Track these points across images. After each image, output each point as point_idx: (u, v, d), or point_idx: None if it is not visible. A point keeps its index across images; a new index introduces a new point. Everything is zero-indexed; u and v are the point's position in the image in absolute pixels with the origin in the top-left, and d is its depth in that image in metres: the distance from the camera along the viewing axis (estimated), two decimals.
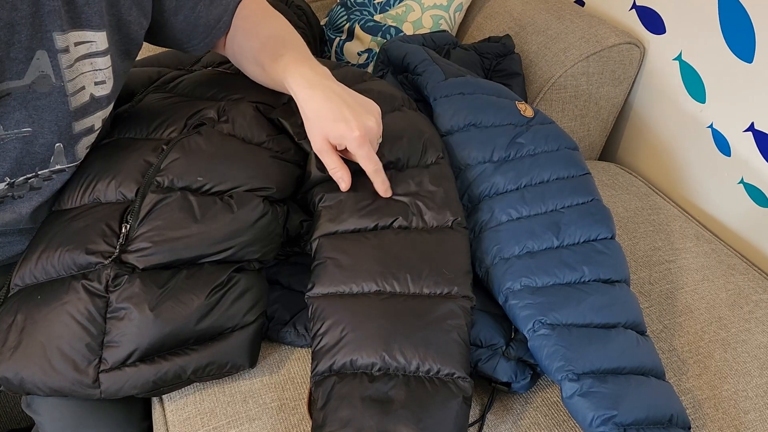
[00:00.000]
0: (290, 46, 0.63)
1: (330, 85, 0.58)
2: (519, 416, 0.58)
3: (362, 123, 0.56)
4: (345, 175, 0.58)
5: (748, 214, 0.85)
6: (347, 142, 0.56)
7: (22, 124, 0.52)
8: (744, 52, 0.79)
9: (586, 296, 0.58)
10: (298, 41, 0.65)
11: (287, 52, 0.61)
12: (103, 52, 0.55)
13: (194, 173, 0.58)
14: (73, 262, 0.55)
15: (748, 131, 0.82)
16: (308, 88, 0.58)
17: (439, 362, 0.52)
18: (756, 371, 0.64)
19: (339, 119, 0.55)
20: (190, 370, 0.54)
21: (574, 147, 0.71)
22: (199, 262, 0.56)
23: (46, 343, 0.52)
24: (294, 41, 0.65)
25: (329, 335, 0.54)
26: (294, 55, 0.61)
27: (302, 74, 0.58)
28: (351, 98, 0.58)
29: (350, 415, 0.50)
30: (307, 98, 0.57)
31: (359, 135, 0.55)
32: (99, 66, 0.55)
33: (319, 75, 0.59)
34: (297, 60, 0.60)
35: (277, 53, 0.62)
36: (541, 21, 0.99)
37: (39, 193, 0.58)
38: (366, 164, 0.57)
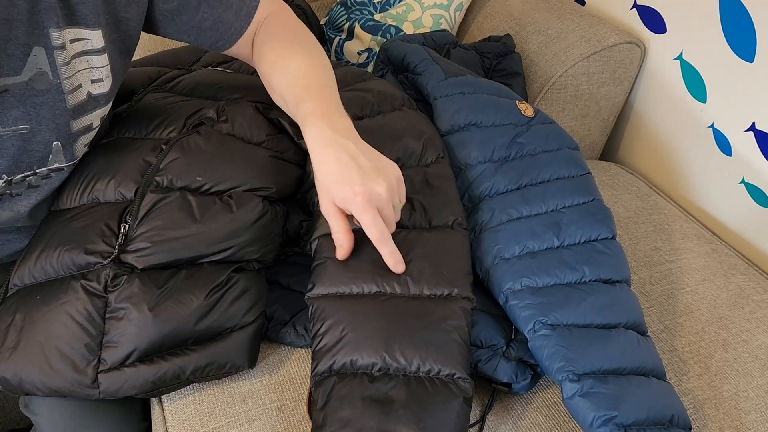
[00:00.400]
0: (314, 91, 0.59)
1: (345, 145, 0.54)
2: (519, 417, 0.57)
3: (368, 188, 0.52)
4: (345, 243, 0.55)
5: (749, 214, 0.85)
6: (350, 207, 0.53)
7: (20, 122, 0.52)
8: (745, 51, 0.79)
9: (587, 296, 0.58)
10: (325, 81, 0.61)
11: (310, 98, 0.58)
12: (99, 51, 0.55)
13: (193, 173, 0.58)
14: (72, 262, 0.55)
15: (749, 131, 0.82)
16: (321, 148, 0.54)
17: (440, 363, 0.52)
18: (757, 371, 0.63)
19: (344, 182, 0.52)
20: (190, 370, 0.54)
21: (574, 147, 0.70)
22: (198, 262, 0.56)
23: (45, 343, 0.52)
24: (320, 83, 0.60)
25: (329, 335, 0.53)
26: (315, 105, 0.57)
27: (319, 131, 0.55)
28: (365, 159, 0.53)
29: (351, 416, 0.49)
30: (318, 158, 0.54)
31: (361, 200, 0.51)
32: (95, 64, 0.55)
33: (338, 132, 0.55)
34: (317, 113, 0.56)
35: (301, 98, 0.58)
36: (542, 20, 0.99)
37: (37, 192, 0.58)
38: (369, 232, 0.53)
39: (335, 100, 0.59)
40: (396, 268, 0.55)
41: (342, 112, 0.58)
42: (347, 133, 0.56)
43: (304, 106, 0.57)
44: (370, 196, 0.52)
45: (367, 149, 0.56)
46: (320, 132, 0.55)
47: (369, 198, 0.52)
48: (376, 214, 0.53)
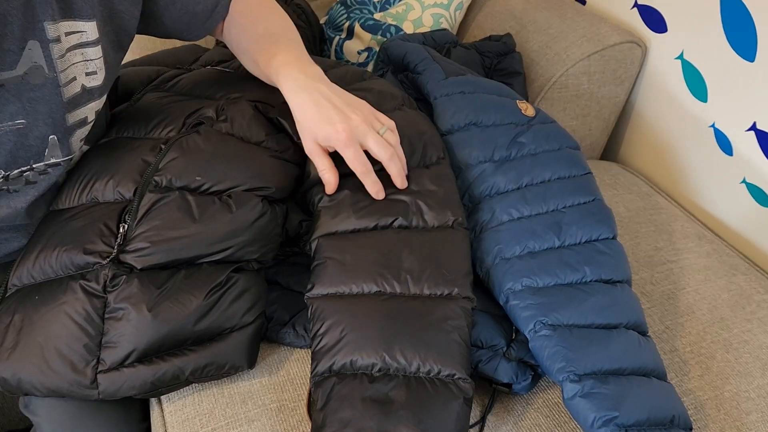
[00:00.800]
0: (283, 45, 0.63)
1: (318, 87, 0.59)
2: (520, 417, 0.57)
3: (348, 124, 0.56)
4: (331, 178, 0.59)
5: (751, 213, 0.85)
6: (333, 144, 0.57)
7: (16, 116, 0.52)
8: (746, 50, 0.79)
9: (588, 297, 0.58)
10: (292, 37, 0.66)
11: (280, 51, 0.62)
12: (93, 42, 0.55)
13: (193, 173, 0.58)
14: (71, 262, 0.55)
15: (751, 131, 0.82)
16: (297, 92, 0.59)
17: (440, 363, 0.52)
18: (758, 372, 0.63)
19: (324, 121, 0.57)
20: (189, 370, 0.54)
21: (575, 146, 0.70)
22: (197, 262, 0.56)
23: (44, 343, 0.52)
24: (288, 38, 0.65)
25: (329, 335, 0.53)
26: (286, 56, 0.62)
27: (292, 77, 0.59)
28: (339, 99, 0.58)
29: (350, 416, 0.49)
30: (295, 102, 0.59)
31: (344, 136, 0.56)
32: (90, 56, 0.55)
33: (309, 77, 0.60)
34: (288, 62, 0.61)
35: (271, 52, 0.62)
36: (542, 20, 0.98)
37: (35, 188, 0.58)
38: (353, 165, 0.57)
39: (303, 51, 0.65)
40: (378, 195, 0.59)
41: (310, 61, 0.63)
42: (318, 76, 0.61)
43: (275, 60, 0.62)
44: (351, 130, 0.56)
45: (338, 89, 0.60)
46: (294, 78, 0.59)
47: (350, 133, 0.56)
48: (359, 149, 0.57)
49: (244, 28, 0.66)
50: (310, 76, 0.60)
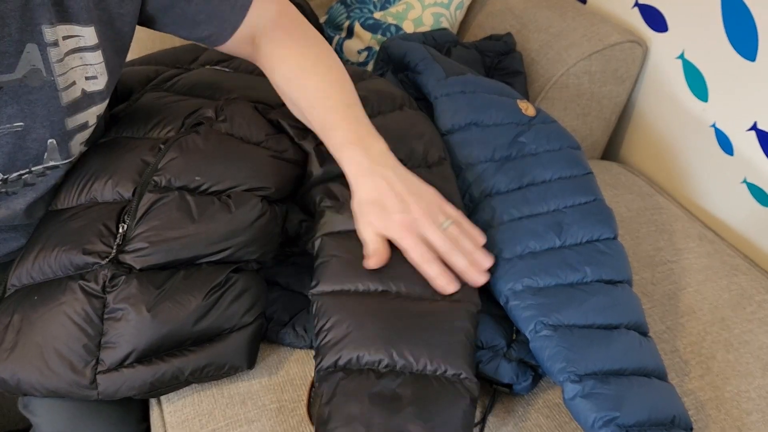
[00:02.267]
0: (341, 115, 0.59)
1: (384, 173, 0.55)
2: (520, 418, 0.57)
3: (406, 215, 0.53)
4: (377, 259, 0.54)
5: (751, 213, 0.85)
6: (390, 234, 0.54)
7: (14, 119, 0.51)
8: (747, 50, 0.79)
9: (589, 297, 0.58)
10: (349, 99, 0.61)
11: (339, 125, 0.58)
12: (92, 48, 0.55)
13: (192, 173, 0.58)
14: (70, 263, 0.54)
15: (752, 130, 0.82)
16: (360, 177, 0.56)
17: (446, 363, 0.52)
18: (759, 372, 0.63)
19: (382, 211, 0.54)
20: (188, 371, 0.54)
21: (576, 146, 0.70)
22: (196, 262, 0.56)
23: (43, 344, 0.52)
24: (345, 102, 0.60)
25: (334, 330, 0.53)
26: (346, 133, 0.58)
27: (356, 162, 0.56)
28: (403, 186, 0.55)
29: (358, 412, 0.49)
30: (357, 187, 0.56)
31: (399, 227, 0.53)
32: (89, 61, 0.55)
33: (374, 161, 0.56)
34: (351, 141, 0.57)
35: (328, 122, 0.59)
36: (543, 19, 0.98)
37: (33, 189, 0.58)
38: (410, 256, 0.54)
39: (363, 120, 0.60)
40: (446, 290, 0.55)
41: (373, 133, 0.59)
42: (383, 158, 0.57)
43: (334, 135, 0.58)
44: (409, 222, 0.54)
45: (404, 174, 0.57)
46: (357, 162, 0.56)
47: (408, 225, 0.54)
48: (416, 239, 0.54)
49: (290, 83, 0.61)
50: (375, 159, 0.56)
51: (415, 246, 0.54)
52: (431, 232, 0.54)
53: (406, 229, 0.54)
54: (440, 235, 0.55)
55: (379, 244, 0.55)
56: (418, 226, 0.54)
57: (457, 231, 0.56)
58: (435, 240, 0.55)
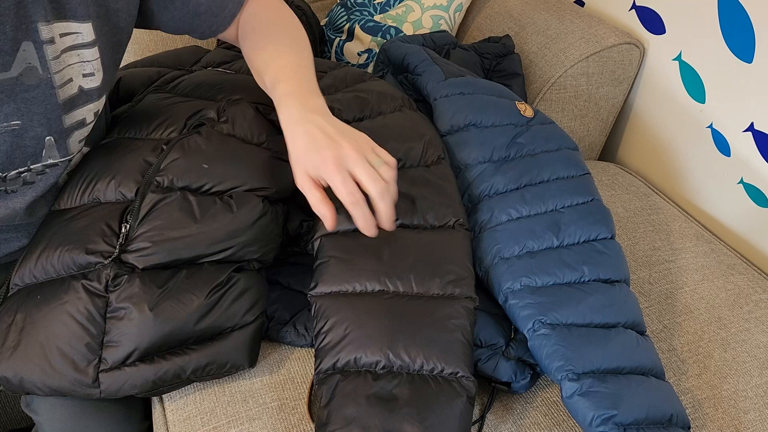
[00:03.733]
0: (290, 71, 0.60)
1: (314, 119, 0.55)
2: (519, 416, 0.58)
3: (336, 151, 0.52)
4: (326, 211, 0.53)
5: (748, 214, 0.85)
6: (321, 173, 0.52)
7: (11, 117, 0.51)
8: (744, 52, 0.79)
9: (586, 296, 0.58)
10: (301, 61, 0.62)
11: (285, 79, 0.59)
12: (89, 44, 0.55)
13: (194, 173, 0.58)
14: (73, 262, 0.55)
15: (748, 131, 0.82)
16: (292, 124, 0.55)
17: (443, 361, 0.52)
18: (755, 371, 0.64)
19: (312, 149, 0.53)
20: (190, 369, 0.54)
21: (573, 147, 0.71)
22: (198, 261, 0.56)
23: (46, 342, 0.52)
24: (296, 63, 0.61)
25: (333, 333, 0.54)
26: (289, 85, 0.58)
27: (289, 110, 0.56)
28: (333, 129, 0.54)
29: (355, 413, 0.50)
30: (289, 134, 0.56)
31: (331, 164, 0.52)
32: (86, 58, 0.55)
33: (308, 110, 0.56)
34: (290, 92, 0.57)
35: (276, 78, 0.60)
36: (541, 21, 0.99)
37: (32, 188, 0.58)
38: (340, 194, 0.52)
39: (309, 79, 0.60)
40: (367, 231, 0.53)
41: (315, 92, 0.59)
42: (317, 109, 0.56)
43: (278, 87, 0.58)
44: (338, 158, 0.52)
45: (336, 122, 0.56)
46: (291, 110, 0.56)
47: (338, 160, 0.52)
48: (347, 176, 0.52)
49: (255, 47, 0.63)
50: (310, 109, 0.56)
51: (343, 183, 0.52)
52: (361, 168, 0.52)
53: (336, 164, 0.52)
54: (369, 173, 0.52)
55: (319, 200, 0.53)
56: (347, 162, 0.52)
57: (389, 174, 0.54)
58: (364, 178, 0.52)
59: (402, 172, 0.63)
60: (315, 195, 0.53)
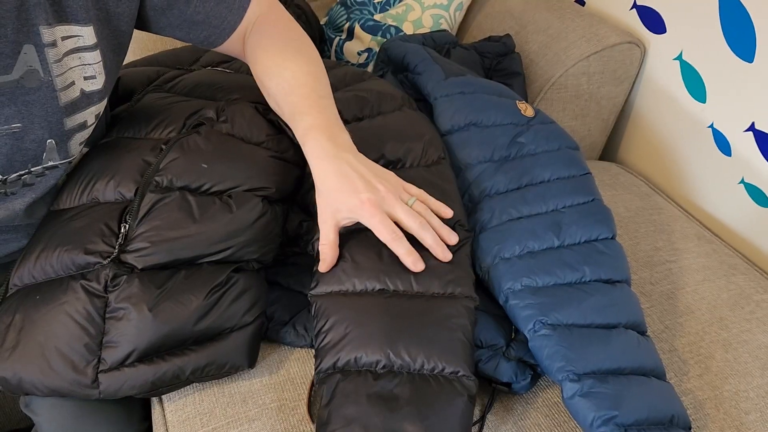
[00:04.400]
0: (313, 101, 0.60)
1: (346, 158, 0.56)
2: (520, 417, 0.57)
3: (373, 194, 0.54)
4: (330, 258, 0.56)
5: (749, 214, 0.85)
6: (358, 216, 0.54)
7: (12, 120, 0.52)
8: (744, 51, 0.79)
9: (587, 296, 0.58)
10: (322, 90, 0.62)
11: (309, 111, 0.59)
12: (91, 47, 0.55)
13: (193, 173, 0.58)
14: (72, 262, 0.55)
15: (749, 131, 0.82)
16: (323, 159, 0.56)
17: (444, 360, 0.52)
18: (757, 372, 0.63)
19: (349, 192, 0.54)
20: (189, 370, 0.54)
21: (574, 147, 0.70)
22: (197, 262, 0.56)
23: (45, 343, 0.52)
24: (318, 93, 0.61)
25: (333, 332, 0.53)
26: (315, 119, 0.58)
27: (320, 146, 0.56)
28: (366, 169, 0.56)
29: (356, 413, 0.49)
30: (319, 172, 0.56)
31: (369, 206, 0.53)
32: (88, 61, 0.55)
33: (338, 146, 0.57)
34: (317, 126, 0.58)
35: (298, 108, 0.59)
36: (542, 20, 0.99)
37: (32, 190, 0.58)
38: (381, 234, 0.54)
39: (333, 112, 0.61)
40: (414, 267, 0.55)
41: (340, 125, 0.60)
42: (346, 146, 0.57)
43: (303, 120, 0.59)
44: (377, 201, 0.54)
45: (365, 160, 0.57)
46: (321, 146, 0.56)
47: (376, 202, 0.54)
48: (385, 217, 0.54)
49: (269, 72, 0.62)
50: (340, 146, 0.57)
51: (382, 223, 0.54)
52: (399, 208, 0.55)
53: (375, 207, 0.54)
54: (407, 212, 0.55)
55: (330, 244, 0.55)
56: (385, 205, 0.54)
57: (423, 208, 0.57)
58: (403, 217, 0.55)
59: (402, 172, 0.63)
60: (329, 238, 0.56)
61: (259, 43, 0.64)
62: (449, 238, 0.57)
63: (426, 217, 0.56)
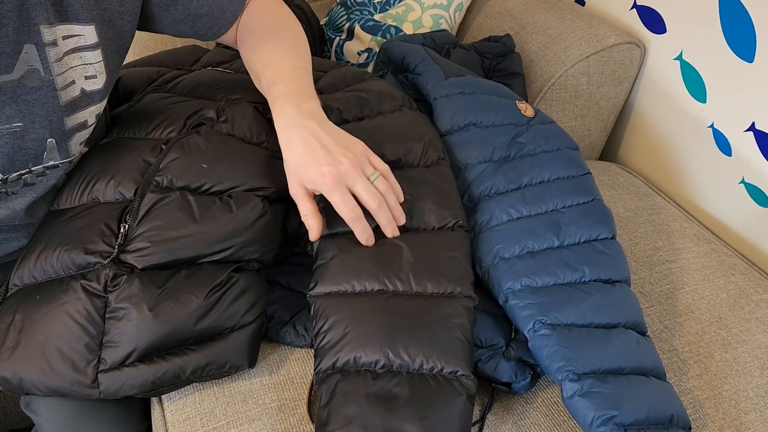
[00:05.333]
0: (286, 73, 0.60)
1: (310, 125, 0.55)
2: (519, 416, 0.57)
3: (335, 167, 0.53)
4: (314, 224, 0.55)
5: (749, 214, 0.85)
6: (320, 188, 0.54)
7: (13, 119, 0.52)
8: (745, 51, 0.79)
9: (587, 296, 0.58)
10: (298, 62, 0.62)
11: (281, 80, 0.59)
12: (92, 46, 0.55)
13: (193, 173, 0.58)
14: (72, 262, 0.55)
15: (749, 131, 0.82)
16: (287, 129, 0.56)
17: (443, 360, 0.52)
18: (756, 371, 0.63)
19: (311, 164, 0.53)
20: (189, 370, 0.54)
21: (574, 147, 0.71)
22: (197, 262, 0.56)
23: (45, 343, 0.52)
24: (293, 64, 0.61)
25: (332, 332, 0.53)
26: (285, 88, 0.58)
27: (285, 113, 0.56)
28: (330, 139, 0.55)
29: (355, 413, 0.49)
30: (284, 139, 0.56)
31: (330, 180, 0.53)
32: (89, 60, 0.55)
33: (302, 113, 0.56)
34: (285, 95, 0.58)
35: (272, 79, 0.60)
36: (542, 21, 0.99)
37: (33, 189, 0.58)
38: (340, 210, 0.54)
39: (306, 82, 0.61)
40: (367, 242, 0.56)
41: (310, 94, 0.59)
42: (312, 114, 0.57)
43: (274, 88, 0.59)
44: (338, 175, 0.53)
45: (332, 129, 0.57)
46: (286, 113, 0.56)
47: (337, 177, 0.53)
48: (346, 192, 0.54)
49: (253, 49, 0.63)
50: (305, 113, 0.56)
51: (342, 200, 0.54)
52: (360, 184, 0.54)
53: (336, 182, 0.53)
54: (367, 188, 0.54)
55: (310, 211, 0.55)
56: (346, 179, 0.54)
57: (384, 186, 0.56)
58: (363, 194, 0.54)
59: (401, 172, 0.63)
60: (307, 206, 0.55)
61: (248, 24, 0.65)
62: (399, 219, 0.58)
63: (385, 196, 0.56)
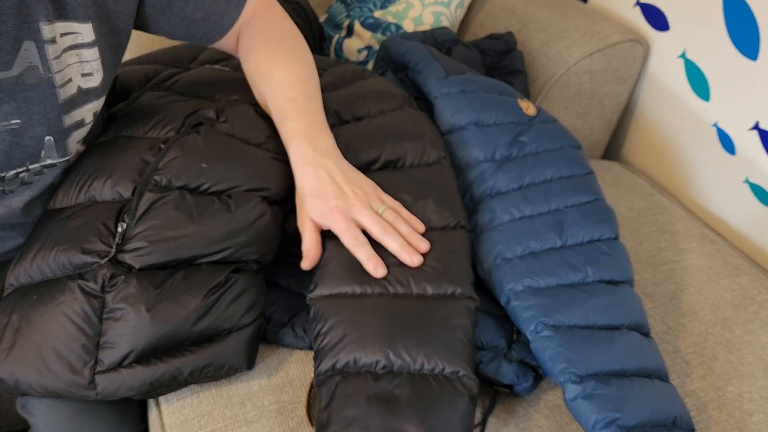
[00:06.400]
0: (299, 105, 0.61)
1: (325, 163, 0.58)
2: (521, 419, 0.57)
3: (342, 201, 0.56)
4: (312, 253, 0.57)
5: (753, 213, 0.85)
6: (326, 220, 0.56)
7: (11, 117, 0.51)
8: (749, 49, 0.79)
9: (590, 297, 0.57)
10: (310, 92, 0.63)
11: (294, 114, 0.61)
12: (89, 44, 0.55)
13: (192, 172, 0.58)
14: (69, 262, 0.54)
15: (754, 130, 0.81)
16: (302, 166, 0.58)
17: (444, 360, 0.51)
18: (761, 373, 0.63)
19: (319, 197, 0.56)
20: (187, 371, 0.54)
21: (577, 146, 0.70)
22: (196, 262, 0.56)
23: (42, 343, 0.52)
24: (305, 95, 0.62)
25: (332, 334, 0.53)
26: (298, 123, 0.60)
27: (301, 151, 0.59)
28: (342, 175, 0.57)
29: (355, 414, 0.49)
30: (299, 175, 0.59)
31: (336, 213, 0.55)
32: (85, 58, 0.55)
33: (318, 152, 0.58)
34: (300, 131, 0.60)
35: (284, 111, 0.61)
36: (544, 18, 0.98)
37: (30, 188, 0.58)
38: (344, 239, 0.56)
39: (318, 115, 0.62)
40: (375, 272, 0.55)
41: (324, 130, 0.61)
42: (327, 151, 0.59)
43: (288, 124, 0.60)
44: (344, 207, 0.56)
45: (346, 167, 0.59)
46: (303, 152, 0.59)
47: (343, 209, 0.56)
48: (351, 223, 0.56)
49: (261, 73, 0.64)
50: (320, 151, 0.59)
51: (347, 229, 0.55)
52: (365, 216, 0.56)
53: (340, 213, 0.55)
54: (373, 218, 0.56)
55: (312, 242, 0.57)
56: (351, 212, 0.56)
57: (393, 216, 0.57)
58: (367, 223, 0.56)
59: (402, 172, 0.63)
60: (311, 237, 0.57)
61: (252, 41, 0.65)
62: (419, 245, 0.57)
63: (394, 225, 0.57)
